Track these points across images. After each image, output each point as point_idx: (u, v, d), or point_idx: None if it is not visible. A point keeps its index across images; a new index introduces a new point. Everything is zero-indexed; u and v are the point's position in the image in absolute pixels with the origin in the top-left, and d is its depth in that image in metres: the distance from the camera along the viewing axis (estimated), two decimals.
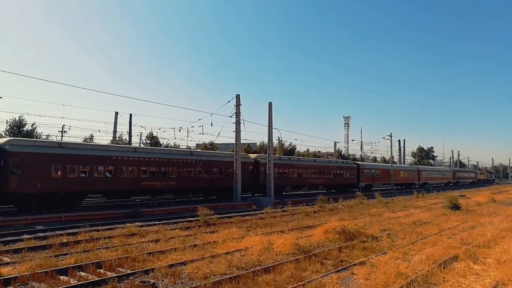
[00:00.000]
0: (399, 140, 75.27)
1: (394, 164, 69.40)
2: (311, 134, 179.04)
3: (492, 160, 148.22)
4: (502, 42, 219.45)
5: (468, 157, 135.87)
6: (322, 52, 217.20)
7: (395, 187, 56.98)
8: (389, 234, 15.41)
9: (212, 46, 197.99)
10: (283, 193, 38.28)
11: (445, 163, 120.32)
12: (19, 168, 20.18)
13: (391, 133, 58.83)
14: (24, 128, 38.85)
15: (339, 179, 45.55)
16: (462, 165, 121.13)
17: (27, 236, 13.98)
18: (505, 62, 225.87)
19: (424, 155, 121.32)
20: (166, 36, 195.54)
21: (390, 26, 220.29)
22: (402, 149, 77.24)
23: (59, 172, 21.80)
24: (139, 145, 44.92)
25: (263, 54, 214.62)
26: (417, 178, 65.54)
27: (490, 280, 8.54)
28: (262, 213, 22.91)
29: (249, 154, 38.47)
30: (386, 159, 75.16)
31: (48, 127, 56.35)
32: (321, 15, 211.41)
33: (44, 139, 37.64)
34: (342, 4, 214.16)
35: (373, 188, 49.88)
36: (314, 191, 42.73)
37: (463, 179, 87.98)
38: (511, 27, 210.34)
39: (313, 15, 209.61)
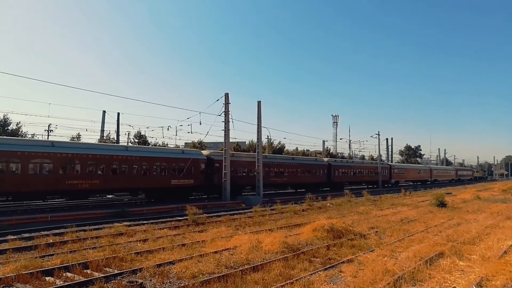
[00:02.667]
0: (386, 139, 76.18)
1: (411, 164, 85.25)
2: (300, 132, 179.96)
3: (478, 158, 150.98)
4: (492, 40, 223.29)
5: (454, 155, 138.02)
6: (314, 49, 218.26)
7: (413, 183, 68.56)
8: (376, 231, 15.56)
9: (206, 41, 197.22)
10: (344, 188, 47.35)
11: (432, 161, 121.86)
12: (217, 169, 31.01)
13: (378, 131, 59.49)
14: (9, 127, 38.16)
15: (374, 177, 57.66)
16: (448, 163, 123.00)
17: (12, 237, 13.75)
18: (492, 60, 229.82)
19: (412, 153, 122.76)
20: (160, 32, 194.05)
21: (382, 24, 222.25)
22: (390, 147, 77.99)
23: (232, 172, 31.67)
24: (127, 144, 44.52)
25: (255, 52, 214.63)
26: (430, 176, 77.34)
27: (474, 276, 8.67)
28: (251, 211, 22.90)
29: (324, 158, 51.99)
30: (374, 157, 75.79)
31: (33, 126, 55.54)
32: (315, 14, 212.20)
33: (30, 138, 37.09)
34: (336, 3, 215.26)
35: (399, 184, 63.62)
36: (359, 186, 52.67)
37: (463, 176, 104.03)
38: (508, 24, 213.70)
39: (309, 13, 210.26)
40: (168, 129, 47.86)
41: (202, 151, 33.63)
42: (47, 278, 8.86)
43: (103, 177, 24.28)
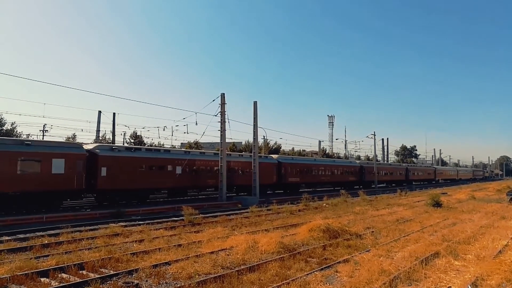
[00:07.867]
0: (382, 139, 76.20)
1: (442, 167, 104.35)
2: (296, 133, 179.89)
3: (473, 158, 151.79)
4: (487, 43, 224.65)
5: (450, 155, 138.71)
6: (310, 52, 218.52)
7: (444, 181, 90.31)
8: (372, 231, 15.60)
9: (202, 42, 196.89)
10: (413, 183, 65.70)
11: (427, 161, 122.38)
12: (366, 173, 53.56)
13: (374, 132, 59.44)
14: (4, 127, 37.91)
15: (428, 175, 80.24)
16: (444, 163, 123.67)
17: (7, 238, 13.67)
18: (486, 63, 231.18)
19: (407, 153, 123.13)
20: (156, 32, 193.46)
21: (377, 28, 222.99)
22: (385, 147, 78.15)
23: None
24: (123, 144, 44.38)
25: (251, 54, 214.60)
26: (456, 176, 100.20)
27: (470, 276, 8.73)
28: (248, 212, 22.90)
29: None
30: (370, 157, 75.98)
31: (28, 126, 55.15)
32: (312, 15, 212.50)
33: (25, 138, 36.89)
34: (333, 7, 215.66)
35: (440, 181, 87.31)
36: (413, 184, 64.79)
37: (477, 176, 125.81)
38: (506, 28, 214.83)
39: (306, 17, 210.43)
40: (164, 129, 47.41)
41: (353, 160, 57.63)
42: (42, 279, 8.80)
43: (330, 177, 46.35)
